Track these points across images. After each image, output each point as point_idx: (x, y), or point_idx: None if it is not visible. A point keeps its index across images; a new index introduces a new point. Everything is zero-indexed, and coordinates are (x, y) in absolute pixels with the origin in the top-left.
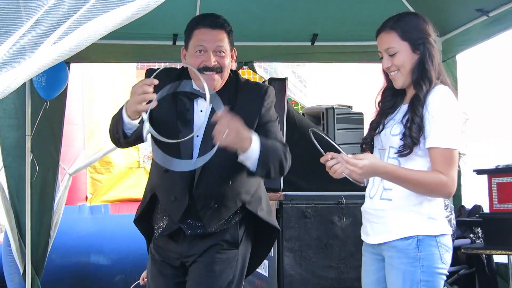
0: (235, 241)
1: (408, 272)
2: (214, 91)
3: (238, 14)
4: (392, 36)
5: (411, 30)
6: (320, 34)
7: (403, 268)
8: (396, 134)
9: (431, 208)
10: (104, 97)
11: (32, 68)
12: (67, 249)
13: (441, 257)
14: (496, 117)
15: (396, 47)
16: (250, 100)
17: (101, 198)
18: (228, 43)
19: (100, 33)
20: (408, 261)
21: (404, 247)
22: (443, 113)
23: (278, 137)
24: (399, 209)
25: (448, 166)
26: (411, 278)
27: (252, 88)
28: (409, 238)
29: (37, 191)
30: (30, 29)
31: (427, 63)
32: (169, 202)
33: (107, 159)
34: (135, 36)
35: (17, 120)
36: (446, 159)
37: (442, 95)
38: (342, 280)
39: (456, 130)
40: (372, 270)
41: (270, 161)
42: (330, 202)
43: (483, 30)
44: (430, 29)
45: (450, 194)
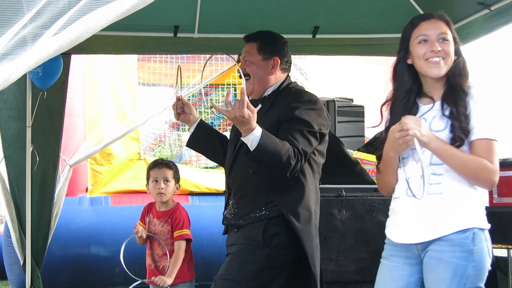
0: (260, 239)
1: (460, 266)
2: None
3: (239, 6)
4: (445, 26)
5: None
6: (321, 26)
7: (455, 262)
8: (441, 129)
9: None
10: (105, 89)
11: (33, 59)
12: (67, 241)
13: (489, 250)
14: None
15: (448, 36)
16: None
17: (101, 189)
18: (256, 53)
19: (101, 24)
20: (462, 255)
21: (460, 240)
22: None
23: (293, 138)
24: (453, 202)
25: (494, 156)
26: (461, 273)
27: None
28: (466, 231)
29: (37, 182)
30: (31, 20)
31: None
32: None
33: (107, 151)
34: (136, 27)
35: (18, 111)
36: (492, 149)
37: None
38: (341, 273)
39: (496, 122)
40: (402, 275)
41: (268, 154)
42: (330, 195)
43: (485, 24)
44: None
45: (494, 183)
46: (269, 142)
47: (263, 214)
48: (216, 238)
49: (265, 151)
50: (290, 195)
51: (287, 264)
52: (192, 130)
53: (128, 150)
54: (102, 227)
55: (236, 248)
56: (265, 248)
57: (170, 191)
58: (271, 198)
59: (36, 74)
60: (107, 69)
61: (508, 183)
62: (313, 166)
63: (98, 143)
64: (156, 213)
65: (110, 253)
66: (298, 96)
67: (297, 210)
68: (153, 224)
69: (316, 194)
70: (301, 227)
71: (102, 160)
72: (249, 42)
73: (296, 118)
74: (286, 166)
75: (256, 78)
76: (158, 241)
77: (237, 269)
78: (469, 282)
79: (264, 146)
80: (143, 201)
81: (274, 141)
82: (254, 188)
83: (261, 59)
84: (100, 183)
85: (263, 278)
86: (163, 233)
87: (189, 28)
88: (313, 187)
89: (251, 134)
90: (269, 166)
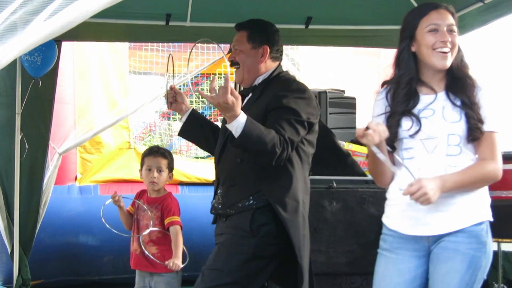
0: (248, 229)
1: (476, 258)
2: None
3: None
4: (452, 18)
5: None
6: (314, 17)
7: (471, 254)
8: (456, 120)
9: (488, 194)
10: (95, 77)
11: (23, 44)
12: (56, 229)
13: (492, 244)
14: None
15: (455, 27)
16: (271, 91)
17: (90, 178)
18: (245, 42)
19: (92, 10)
20: (478, 246)
21: (478, 232)
22: (493, 98)
23: (279, 126)
24: (469, 195)
25: (497, 149)
26: (475, 264)
27: (278, 82)
28: (482, 223)
29: (26, 170)
30: (21, 5)
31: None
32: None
33: (97, 139)
34: (127, 15)
35: (7, 98)
36: (496, 143)
37: (488, 83)
38: (331, 265)
39: (499, 114)
40: (409, 268)
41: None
42: (320, 186)
43: (479, 17)
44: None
45: (499, 178)
46: (254, 129)
47: (250, 204)
48: (206, 228)
49: (249, 137)
50: (278, 185)
51: (275, 255)
52: (184, 119)
53: (118, 139)
54: (91, 216)
55: (224, 238)
56: (253, 238)
57: (162, 180)
58: (259, 187)
59: (34, 63)
60: (98, 57)
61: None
62: (302, 156)
63: (87, 131)
64: (147, 199)
65: (98, 242)
66: (286, 84)
67: (284, 200)
68: (142, 210)
69: (305, 184)
70: (288, 217)
71: (91, 149)
72: (239, 30)
73: (283, 106)
74: (271, 154)
75: (245, 66)
76: (144, 227)
77: (224, 259)
78: (480, 273)
79: (249, 132)
80: (132, 190)
81: (259, 129)
82: (242, 177)
83: (250, 47)
84: (89, 171)
85: (251, 268)
86: (153, 219)
87: (181, 16)
88: (301, 177)
89: (236, 121)
90: (254, 153)
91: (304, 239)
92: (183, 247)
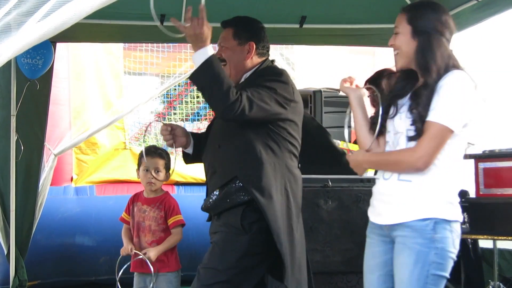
0: (239, 226)
1: (422, 253)
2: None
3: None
4: (402, 18)
5: (420, 17)
6: (308, 16)
7: (417, 248)
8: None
9: (451, 193)
10: (90, 78)
11: (17, 45)
12: (52, 230)
13: (453, 242)
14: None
15: (400, 28)
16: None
17: (86, 179)
18: (231, 39)
19: (86, 11)
20: (423, 241)
21: (420, 228)
22: (446, 92)
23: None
24: (419, 191)
25: (426, 139)
26: (423, 259)
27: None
28: (427, 220)
29: (22, 172)
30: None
31: (425, 51)
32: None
33: (93, 140)
34: (122, 16)
35: (2, 100)
36: (432, 134)
37: (456, 77)
38: (327, 264)
39: (456, 110)
40: (379, 252)
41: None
42: (316, 185)
43: (473, 14)
44: (444, 22)
45: (417, 169)
46: (216, 66)
47: (237, 197)
48: (202, 229)
49: (208, 70)
50: (251, 169)
51: (270, 250)
52: (191, 150)
53: (113, 139)
54: (87, 217)
55: (218, 236)
56: (245, 234)
57: (160, 180)
58: (235, 172)
59: (35, 66)
60: (93, 57)
61: (494, 174)
62: (280, 142)
63: (83, 132)
64: (145, 200)
65: (95, 243)
66: (263, 70)
67: (259, 184)
68: (142, 211)
69: (289, 173)
70: (264, 202)
71: (87, 150)
72: (225, 28)
73: (256, 85)
74: (223, 98)
75: (231, 63)
76: (147, 228)
77: (218, 258)
78: (432, 268)
79: (210, 65)
80: (128, 190)
81: (221, 69)
82: (221, 163)
83: (236, 44)
84: (85, 172)
85: (245, 265)
86: (156, 219)
87: (176, 17)
88: (280, 165)
89: (202, 50)
90: (208, 91)
91: (286, 229)
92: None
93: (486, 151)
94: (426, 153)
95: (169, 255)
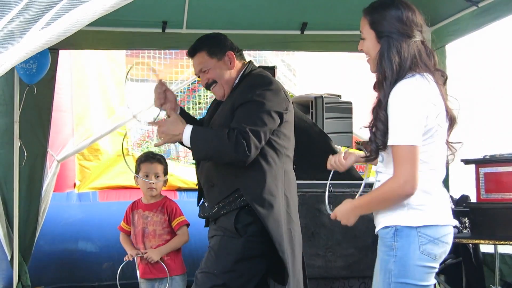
0: (233, 229)
1: (384, 260)
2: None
3: (227, 2)
4: (365, 22)
5: (380, 20)
6: (309, 23)
7: (381, 256)
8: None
9: (414, 198)
10: (93, 84)
11: (21, 53)
12: (55, 236)
13: (419, 247)
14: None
15: (364, 33)
16: (239, 90)
17: (89, 185)
18: (209, 59)
19: (89, 18)
20: (385, 249)
21: (383, 235)
22: (392, 110)
23: (240, 121)
24: None
25: (398, 164)
26: (385, 267)
27: (247, 78)
28: (388, 227)
29: (25, 178)
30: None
31: (383, 58)
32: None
33: (95, 146)
34: (124, 23)
35: (6, 107)
36: (396, 157)
37: (395, 92)
38: (329, 269)
39: (403, 124)
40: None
41: (203, 151)
42: (317, 191)
43: (473, 21)
44: (406, 21)
45: (407, 194)
46: (198, 136)
47: (236, 203)
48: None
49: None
50: (253, 181)
51: (265, 253)
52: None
53: (116, 145)
54: (90, 223)
55: (214, 240)
56: (240, 238)
57: (160, 185)
58: (236, 185)
59: (29, 70)
60: (95, 64)
61: (495, 179)
62: (278, 149)
63: (86, 139)
64: (145, 207)
65: (97, 249)
66: (252, 79)
67: (261, 195)
68: (144, 218)
69: (286, 177)
70: (265, 213)
71: (90, 156)
72: (196, 54)
73: (248, 101)
74: (225, 150)
75: (222, 80)
76: (152, 234)
77: (214, 262)
78: (392, 276)
79: (195, 141)
80: (131, 196)
81: (205, 133)
82: (220, 177)
83: (216, 61)
84: (88, 178)
85: (241, 268)
86: (160, 223)
87: (177, 23)
88: (280, 171)
89: (184, 136)
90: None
91: (287, 234)
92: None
93: (487, 156)
94: (408, 176)
95: (175, 258)
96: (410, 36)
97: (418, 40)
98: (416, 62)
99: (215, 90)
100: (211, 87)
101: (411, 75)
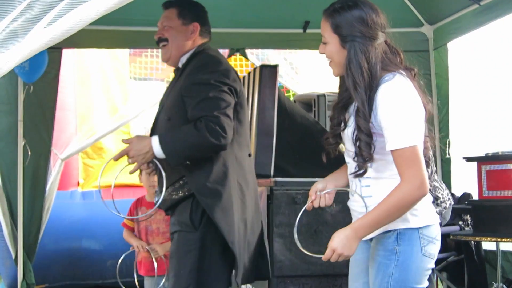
0: (189, 222)
1: (383, 264)
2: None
3: (230, 0)
4: (326, 26)
5: (343, 25)
6: (312, 21)
7: (379, 260)
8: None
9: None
10: (96, 83)
11: (24, 52)
12: (59, 234)
13: (421, 249)
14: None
15: (327, 37)
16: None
17: (93, 183)
18: (176, 18)
19: (92, 17)
20: (384, 253)
21: (383, 240)
22: (388, 114)
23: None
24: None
25: (408, 167)
26: (383, 270)
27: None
28: (389, 232)
29: (29, 176)
30: (21, 12)
31: (352, 64)
32: None
33: (99, 145)
34: (127, 22)
35: (9, 106)
36: (403, 160)
37: (384, 96)
38: (331, 266)
39: (403, 125)
40: (362, 259)
41: (181, 153)
42: None
43: (474, 19)
44: (371, 23)
45: (421, 196)
46: (168, 138)
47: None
48: None
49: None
50: (198, 169)
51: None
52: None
53: (119, 144)
54: (94, 221)
55: (174, 239)
56: (196, 231)
57: None
58: (181, 173)
59: (22, 69)
60: (98, 63)
61: (497, 176)
62: None
63: (89, 137)
64: (149, 204)
65: (101, 247)
66: (202, 59)
67: (204, 184)
68: (148, 215)
69: (238, 164)
70: (209, 202)
71: (93, 154)
72: (168, 8)
73: (196, 84)
74: (203, 141)
75: (174, 43)
76: (155, 231)
77: (177, 262)
78: (392, 281)
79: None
80: (134, 195)
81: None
82: (168, 165)
83: (180, 23)
84: (91, 177)
85: (206, 264)
86: (164, 220)
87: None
88: (229, 158)
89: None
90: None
91: (240, 224)
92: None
93: (489, 153)
94: (421, 177)
95: None
96: (375, 39)
97: (382, 41)
98: (386, 63)
99: (163, 50)
100: (161, 44)
101: (392, 75)
